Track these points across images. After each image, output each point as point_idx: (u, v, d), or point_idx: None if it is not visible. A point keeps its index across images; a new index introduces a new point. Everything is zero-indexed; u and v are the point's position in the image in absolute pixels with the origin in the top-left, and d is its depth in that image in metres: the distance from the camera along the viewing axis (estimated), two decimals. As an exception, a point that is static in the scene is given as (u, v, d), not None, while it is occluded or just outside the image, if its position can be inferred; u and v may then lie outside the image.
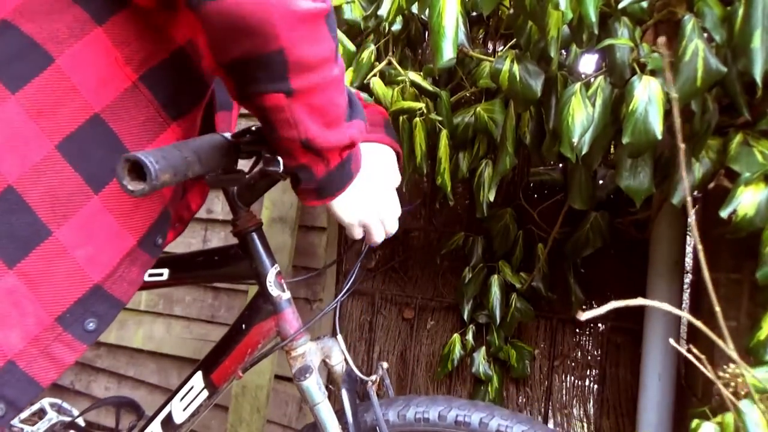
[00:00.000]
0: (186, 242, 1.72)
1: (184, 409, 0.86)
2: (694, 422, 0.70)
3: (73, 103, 0.50)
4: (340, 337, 0.85)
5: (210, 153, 0.58)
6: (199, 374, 0.87)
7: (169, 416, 0.87)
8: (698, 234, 0.70)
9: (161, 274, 0.90)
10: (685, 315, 0.68)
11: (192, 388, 0.87)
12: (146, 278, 0.88)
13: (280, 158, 0.63)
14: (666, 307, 0.63)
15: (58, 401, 0.95)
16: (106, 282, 0.56)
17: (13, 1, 0.47)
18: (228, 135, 0.67)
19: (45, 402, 0.94)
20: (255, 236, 0.82)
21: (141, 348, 1.78)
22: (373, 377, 0.84)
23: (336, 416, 0.81)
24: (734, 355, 0.66)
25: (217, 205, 1.69)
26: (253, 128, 0.68)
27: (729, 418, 0.67)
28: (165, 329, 1.76)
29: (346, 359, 0.84)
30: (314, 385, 0.80)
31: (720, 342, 0.65)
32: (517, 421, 0.79)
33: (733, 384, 0.65)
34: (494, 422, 0.79)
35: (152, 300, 1.79)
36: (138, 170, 0.46)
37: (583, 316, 0.63)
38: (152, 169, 0.45)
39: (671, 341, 0.81)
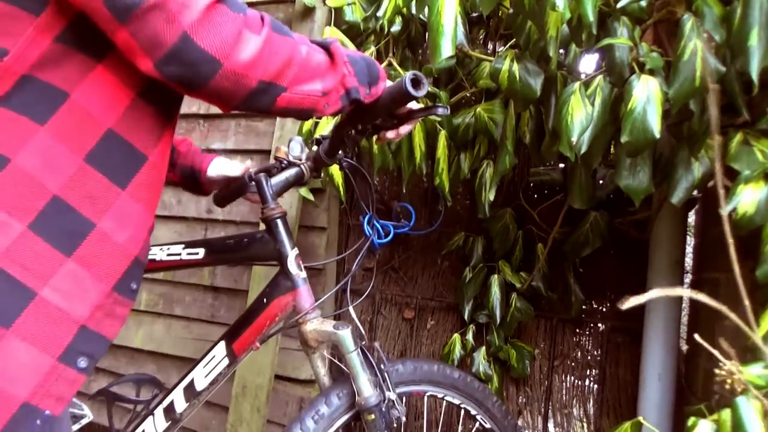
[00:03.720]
0: (186, 242, 1.72)
1: (206, 376, 0.95)
2: (691, 420, 0.70)
3: (90, 125, 0.64)
4: (351, 309, 0.98)
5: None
6: (222, 344, 0.96)
7: (191, 383, 0.95)
8: (729, 225, 0.70)
9: (197, 254, 1.02)
10: (688, 293, 0.67)
11: (214, 356, 0.96)
12: (185, 256, 1.03)
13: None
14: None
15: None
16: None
17: (30, 59, 0.59)
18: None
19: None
20: (279, 222, 0.96)
21: (141, 348, 1.78)
22: (376, 343, 0.98)
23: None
24: (742, 325, 0.64)
25: (217, 206, 1.69)
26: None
27: (725, 415, 0.66)
28: (165, 329, 1.76)
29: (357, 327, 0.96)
30: (349, 336, 0.90)
31: (741, 324, 0.63)
32: None
33: (729, 381, 0.64)
34: None
35: (152, 300, 1.79)
36: (417, 83, 0.74)
37: (625, 304, 0.63)
38: (424, 81, 0.74)
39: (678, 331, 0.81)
